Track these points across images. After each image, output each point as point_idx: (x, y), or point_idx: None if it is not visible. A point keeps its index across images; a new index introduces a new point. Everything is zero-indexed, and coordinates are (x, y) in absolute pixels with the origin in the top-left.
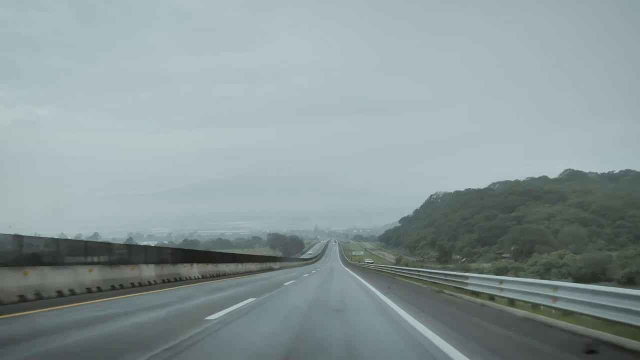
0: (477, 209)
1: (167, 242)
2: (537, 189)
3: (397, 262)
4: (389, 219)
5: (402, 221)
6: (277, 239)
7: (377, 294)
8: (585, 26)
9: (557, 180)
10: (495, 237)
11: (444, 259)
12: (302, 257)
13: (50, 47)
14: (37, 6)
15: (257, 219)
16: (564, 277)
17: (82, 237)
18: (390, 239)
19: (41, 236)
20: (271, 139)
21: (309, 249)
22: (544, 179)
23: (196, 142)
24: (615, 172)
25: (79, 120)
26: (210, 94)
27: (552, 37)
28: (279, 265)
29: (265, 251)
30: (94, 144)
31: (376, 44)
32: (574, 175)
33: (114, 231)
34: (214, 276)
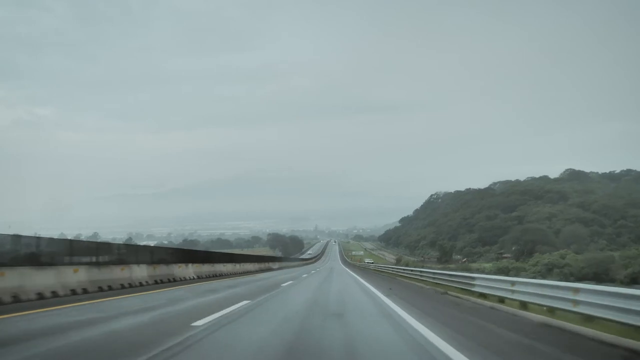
0: (478, 209)
1: (166, 242)
2: (538, 188)
3: (397, 262)
4: (389, 219)
5: (402, 221)
6: (276, 239)
7: (379, 295)
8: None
9: (558, 180)
10: (496, 237)
11: (445, 259)
12: (301, 257)
13: (50, 47)
14: (37, 6)
15: (257, 219)
16: (566, 278)
17: (82, 237)
18: (390, 239)
19: (21, 235)
20: (271, 139)
21: (309, 249)
22: (545, 178)
23: (196, 142)
24: (616, 172)
25: (79, 120)
26: (210, 94)
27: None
28: (278, 265)
29: (265, 251)
30: (94, 144)
31: (376, 44)
32: (574, 175)
33: (114, 231)
34: (210, 277)
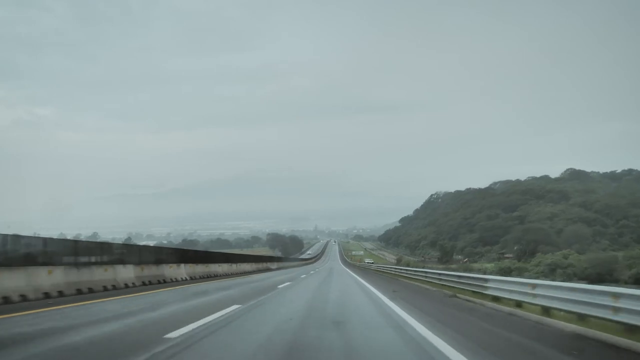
0: (479, 209)
1: (166, 242)
2: (539, 188)
3: (398, 262)
4: (389, 219)
5: (402, 221)
6: (276, 239)
7: (383, 299)
8: (585, 26)
9: (559, 179)
10: (497, 236)
11: (446, 259)
12: (301, 257)
13: (50, 47)
14: (37, 6)
15: (257, 219)
16: (570, 278)
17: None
18: (390, 238)
19: None
20: (271, 139)
21: (309, 249)
22: (546, 178)
23: (196, 142)
24: (617, 172)
25: (79, 120)
26: (210, 94)
27: (552, 37)
28: (276, 265)
29: (264, 251)
30: (94, 144)
31: (376, 44)
32: (575, 174)
33: (114, 231)
34: (204, 277)
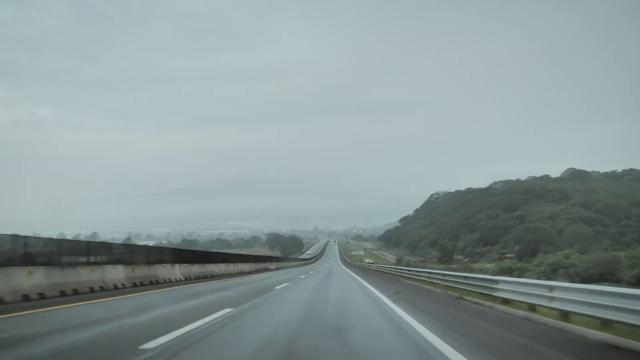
0: (479, 208)
1: (165, 242)
2: (539, 187)
3: (398, 262)
4: (389, 219)
5: (402, 221)
6: (276, 239)
7: (385, 301)
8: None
9: (559, 179)
10: (497, 236)
11: (446, 259)
12: (301, 257)
13: (50, 47)
14: (37, 6)
15: (257, 219)
16: (572, 278)
17: (81, 237)
18: (390, 238)
19: None
20: (271, 139)
21: (308, 249)
22: (546, 178)
23: (196, 142)
24: (618, 171)
25: (79, 120)
26: (210, 94)
27: (552, 37)
28: (275, 265)
29: (264, 251)
30: (94, 144)
31: (376, 44)
32: (576, 174)
33: (114, 231)
34: (199, 278)
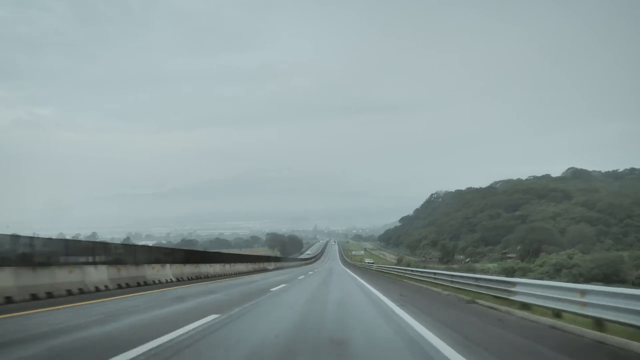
0: (480, 208)
1: (165, 242)
2: (541, 187)
3: (399, 262)
4: (389, 219)
5: (402, 221)
6: (275, 239)
7: (390, 305)
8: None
9: (560, 178)
10: (499, 236)
11: (447, 259)
12: (300, 257)
13: (50, 47)
14: (37, 6)
15: (257, 219)
16: (576, 279)
17: (81, 237)
18: (390, 238)
19: None
20: (271, 139)
21: (308, 249)
22: (547, 177)
23: (196, 142)
24: (619, 171)
25: (79, 120)
26: (210, 94)
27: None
28: (274, 265)
29: (263, 251)
30: (94, 144)
31: (376, 44)
32: (577, 173)
33: (114, 231)
34: (192, 279)
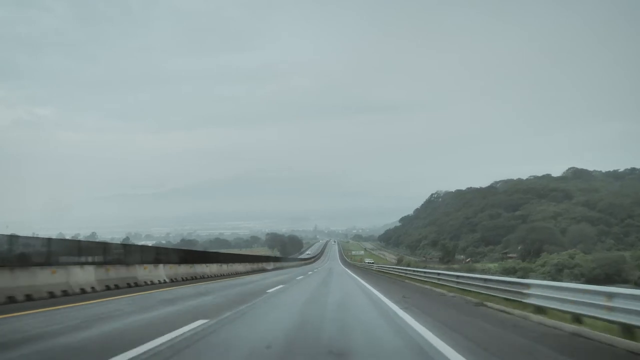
0: (480, 208)
1: (165, 242)
2: (541, 187)
3: (399, 262)
4: (389, 219)
5: (402, 220)
6: (275, 239)
7: (393, 308)
8: (585, 26)
9: (561, 178)
10: (499, 236)
11: (447, 259)
12: (300, 257)
13: (50, 47)
14: (37, 6)
15: (257, 219)
16: (577, 279)
17: (80, 237)
18: (390, 238)
19: None
20: (271, 139)
21: (308, 248)
22: (548, 177)
23: (196, 142)
24: (620, 171)
25: (79, 120)
26: (210, 94)
27: (552, 37)
28: (273, 265)
29: (263, 251)
30: (94, 144)
31: (376, 44)
32: (578, 173)
33: (113, 231)
34: (187, 279)
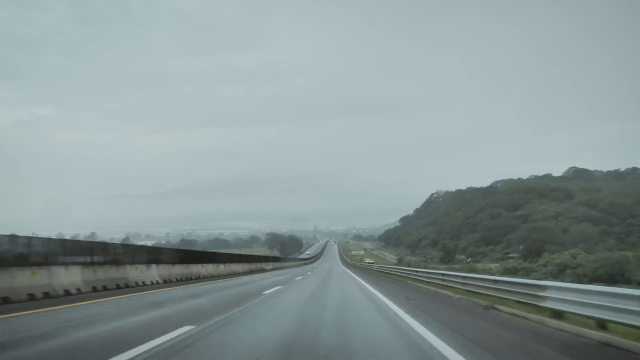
0: (481, 207)
1: (164, 242)
2: (542, 186)
3: (399, 262)
4: (389, 219)
5: (402, 220)
6: (274, 239)
7: (398, 312)
8: (585, 26)
9: (562, 178)
10: (500, 236)
11: (448, 259)
12: (299, 257)
13: (50, 47)
14: (37, 6)
15: (257, 219)
16: (580, 279)
17: (80, 237)
18: (390, 238)
19: None
20: (271, 139)
21: (307, 248)
22: (548, 176)
23: (196, 142)
24: (621, 170)
25: (79, 120)
26: (210, 94)
27: (552, 37)
28: (272, 266)
29: (262, 251)
30: (94, 144)
31: (376, 44)
32: (579, 173)
33: (113, 231)
34: (181, 280)
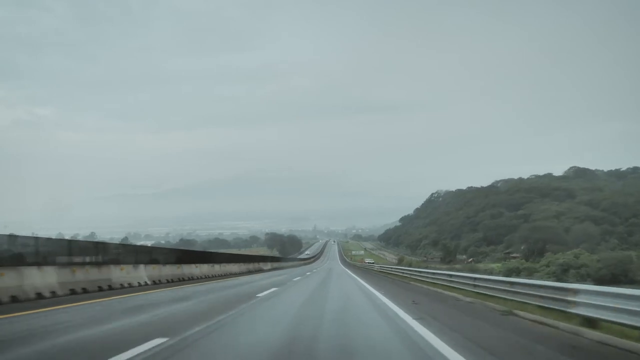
0: (482, 207)
1: (164, 242)
2: (544, 186)
3: (400, 262)
4: (389, 219)
5: (402, 220)
6: (274, 239)
7: (404, 318)
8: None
9: (563, 177)
10: (501, 235)
11: (449, 259)
12: (299, 257)
13: (50, 47)
14: (37, 6)
15: (257, 219)
16: (583, 279)
17: (79, 237)
18: (390, 238)
19: None
20: (271, 139)
21: (307, 248)
22: (549, 176)
23: (196, 142)
24: (622, 170)
25: (79, 120)
26: (210, 94)
27: (552, 37)
28: (270, 266)
29: (262, 251)
30: (94, 144)
31: (376, 44)
32: (580, 172)
33: (113, 231)
34: (172, 281)
